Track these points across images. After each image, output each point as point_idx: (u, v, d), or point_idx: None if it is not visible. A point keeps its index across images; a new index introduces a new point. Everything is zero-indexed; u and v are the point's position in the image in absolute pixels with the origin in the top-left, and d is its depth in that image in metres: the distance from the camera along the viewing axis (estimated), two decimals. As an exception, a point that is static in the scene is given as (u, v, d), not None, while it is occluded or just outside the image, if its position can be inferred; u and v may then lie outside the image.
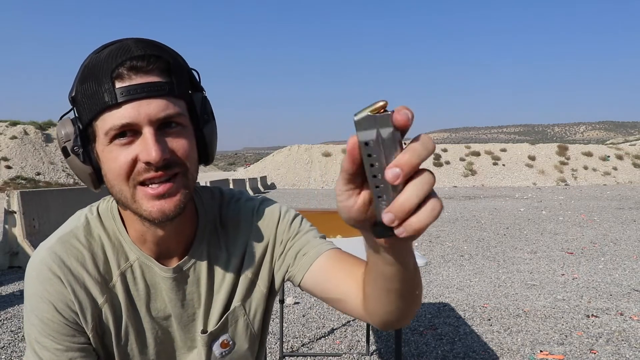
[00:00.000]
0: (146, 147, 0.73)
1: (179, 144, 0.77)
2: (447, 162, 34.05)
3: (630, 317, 4.10)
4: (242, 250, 0.95)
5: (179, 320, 0.90)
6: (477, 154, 34.97)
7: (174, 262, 0.89)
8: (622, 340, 3.59)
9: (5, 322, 4.13)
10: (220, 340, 0.93)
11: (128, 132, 0.74)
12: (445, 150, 35.52)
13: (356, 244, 2.41)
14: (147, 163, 0.74)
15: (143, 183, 0.76)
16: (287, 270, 0.94)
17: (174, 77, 0.76)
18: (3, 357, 3.36)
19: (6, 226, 6.25)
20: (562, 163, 34.26)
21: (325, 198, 19.61)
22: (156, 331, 0.88)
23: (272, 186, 31.22)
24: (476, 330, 3.83)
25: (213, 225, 0.94)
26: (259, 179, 27.70)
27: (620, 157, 35.29)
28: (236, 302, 0.95)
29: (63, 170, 26.71)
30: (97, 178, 0.81)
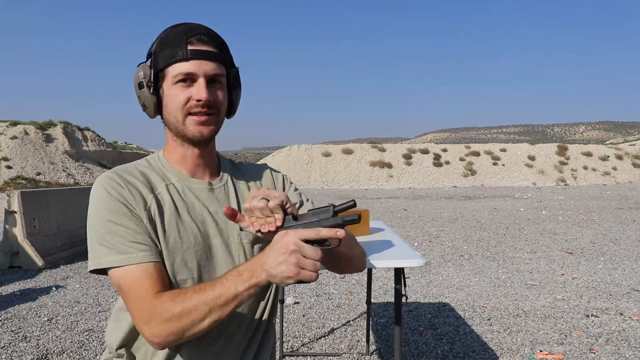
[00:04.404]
0: (199, 90, 1.09)
1: (218, 95, 1.13)
2: (447, 162, 34.03)
3: (630, 317, 4.11)
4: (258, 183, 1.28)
5: (215, 224, 1.15)
6: (477, 154, 34.93)
7: (206, 179, 1.20)
8: (622, 340, 3.59)
9: (5, 322, 4.13)
10: (261, 245, 1.17)
11: (188, 79, 1.09)
12: (445, 150, 35.49)
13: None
14: (198, 100, 1.09)
15: (191, 113, 1.11)
16: None
17: (224, 53, 1.15)
18: (3, 357, 3.36)
19: (6, 226, 6.25)
20: (562, 163, 34.25)
21: (325, 198, 19.58)
22: (195, 232, 1.12)
23: (272, 186, 31.11)
24: (476, 330, 3.83)
25: (230, 168, 1.27)
26: (258, 179, 27.65)
27: (619, 157, 35.27)
28: None
29: (63, 171, 26.71)
30: (158, 108, 1.15)
